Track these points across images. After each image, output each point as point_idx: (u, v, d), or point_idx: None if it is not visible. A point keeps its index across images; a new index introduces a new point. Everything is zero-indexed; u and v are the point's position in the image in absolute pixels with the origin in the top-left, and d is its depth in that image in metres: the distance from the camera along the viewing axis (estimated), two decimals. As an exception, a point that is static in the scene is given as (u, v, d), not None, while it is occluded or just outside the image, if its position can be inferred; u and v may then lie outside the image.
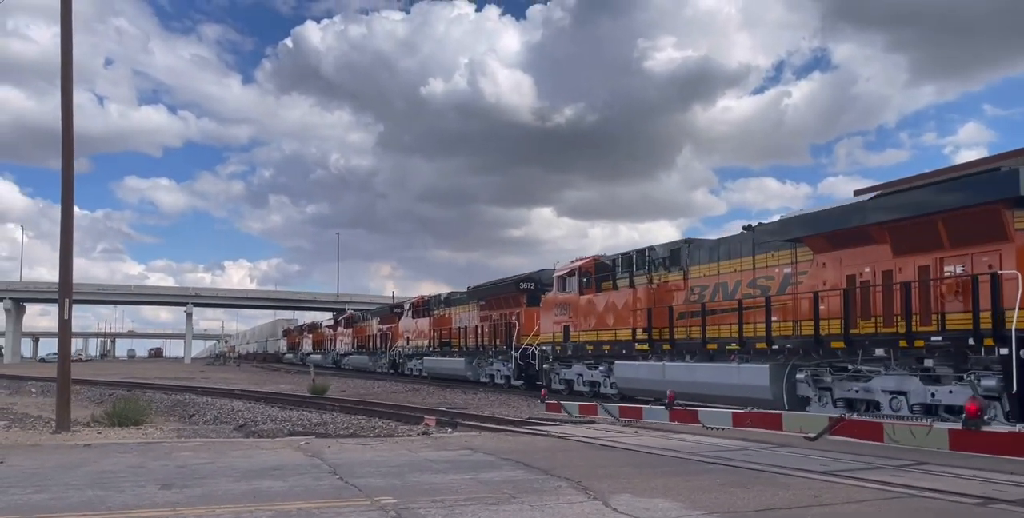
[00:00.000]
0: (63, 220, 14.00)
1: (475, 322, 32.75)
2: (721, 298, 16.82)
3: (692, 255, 18.29)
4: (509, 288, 30.07)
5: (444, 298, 38.06)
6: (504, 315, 29.87)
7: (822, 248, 14.23)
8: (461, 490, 7.12)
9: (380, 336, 47.99)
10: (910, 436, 10.16)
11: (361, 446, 10.89)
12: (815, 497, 6.78)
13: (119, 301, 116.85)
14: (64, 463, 9.06)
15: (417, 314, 40.77)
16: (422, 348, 39.23)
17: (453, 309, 36.22)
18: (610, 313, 20.74)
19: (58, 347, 14.37)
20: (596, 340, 21.32)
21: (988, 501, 6.60)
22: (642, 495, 6.84)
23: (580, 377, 22.64)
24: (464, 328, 33.76)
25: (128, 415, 14.95)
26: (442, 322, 37.01)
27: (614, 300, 20.66)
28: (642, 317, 19.17)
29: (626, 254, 20.84)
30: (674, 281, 18.65)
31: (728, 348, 16.11)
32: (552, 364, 24.11)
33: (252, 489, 7.18)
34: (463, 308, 34.81)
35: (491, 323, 30.88)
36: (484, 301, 32.12)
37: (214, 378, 44.89)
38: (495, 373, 30.54)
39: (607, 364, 20.86)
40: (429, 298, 40.17)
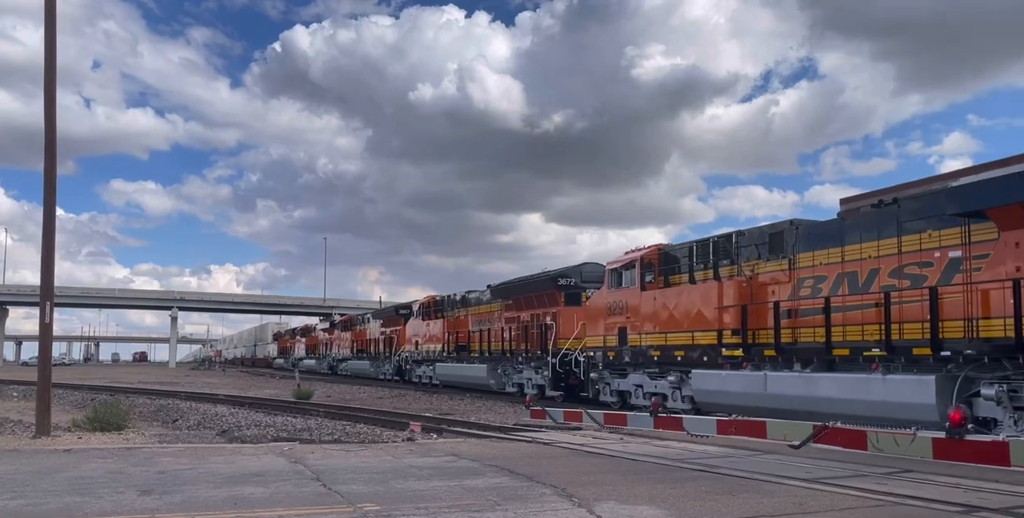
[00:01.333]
0: (45, 223, 13.87)
1: (499, 324, 29.12)
2: (847, 291, 13.66)
3: (801, 239, 14.95)
4: (543, 285, 26.27)
5: (460, 298, 34.33)
6: (536, 316, 26.18)
7: (1016, 222, 10.97)
8: (445, 497, 7.07)
9: (383, 340, 44.40)
10: (894, 444, 10.17)
11: (345, 452, 10.81)
12: (799, 505, 6.77)
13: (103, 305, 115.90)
14: (42, 468, 8.95)
15: (427, 316, 37.10)
16: (434, 353, 35.52)
17: (471, 310, 32.81)
18: (685, 312, 17.40)
19: (39, 351, 14.21)
20: (664, 344, 18.02)
21: (971, 509, 6.61)
22: (627, 502, 6.81)
23: (639, 388, 19.22)
24: (486, 331, 30.06)
25: (109, 420, 14.79)
26: (458, 324, 33.58)
27: (691, 296, 17.33)
28: (733, 316, 15.97)
29: (703, 241, 17.80)
30: (774, 272, 15.51)
31: (867, 354, 12.94)
32: (601, 373, 20.94)
33: (233, 495, 7.11)
34: (484, 309, 31.42)
35: (519, 325, 27.27)
36: (511, 300, 28.52)
37: (198, 383, 44.55)
38: (525, 382, 26.66)
39: (679, 373, 17.63)
40: (442, 298, 36.45)
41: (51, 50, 14.01)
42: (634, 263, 19.55)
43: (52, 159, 13.89)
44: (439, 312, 35.87)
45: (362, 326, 50.77)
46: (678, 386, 17.77)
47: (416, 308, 38.91)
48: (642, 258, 19.31)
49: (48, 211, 13.89)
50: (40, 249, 13.90)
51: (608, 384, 20.69)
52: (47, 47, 14.02)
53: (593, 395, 21.43)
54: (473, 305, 32.76)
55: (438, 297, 37.02)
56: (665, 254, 18.95)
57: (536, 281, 27.12)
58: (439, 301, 36.44)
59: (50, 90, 14.01)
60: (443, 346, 34.31)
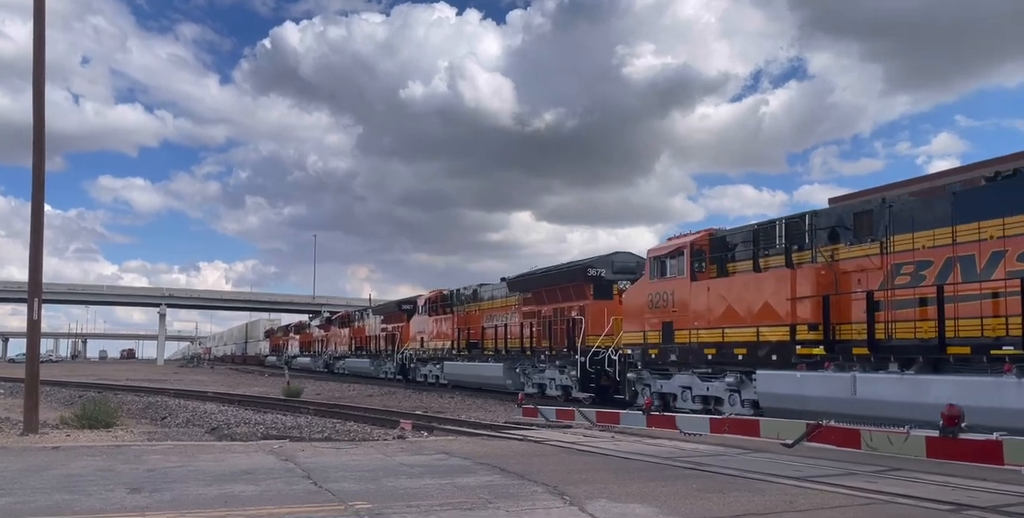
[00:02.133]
0: (33, 219, 13.77)
1: (516, 320, 26.98)
2: (959, 278, 11.83)
3: (897, 218, 13.00)
4: (571, 276, 23.90)
5: (472, 292, 32.27)
6: (561, 310, 23.96)
7: None
8: (436, 495, 7.05)
9: (385, 337, 42.12)
10: (887, 443, 10.19)
11: (336, 450, 10.77)
12: (790, 503, 6.79)
13: (91, 301, 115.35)
14: (30, 466, 8.88)
15: (434, 311, 34.86)
16: (442, 351, 33.34)
17: (484, 304, 30.80)
18: (747, 304, 15.31)
19: (27, 347, 14.12)
20: (721, 341, 16.01)
21: (960, 507, 6.64)
22: (618, 500, 6.82)
23: (687, 391, 17.21)
24: (502, 327, 27.76)
25: (98, 417, 14.71)
26: (469, 320, 31.43)
27: (755, 286, 15.18)
28: (810, 309, 14.02)
29: (767, 224, 15.82)
30: (861, 257, 13.56)
31: (995, 352, 11.18)
32: (640, 373, 18.83)
33: (223, 493, 7.07)
34: (499, 303, 29.38)
35: (540, 320, 25.10)
36: (531, 294, 26.30)
37: (187, 380, 44.38)
38: (547, 383, 24.64)
39: (740, 374, 15.63)
40: (450, 292, 34.25)
41: (40, 45, 13.90)
42: (682, 250, 17.38)
43: (40, 155, 13.79)
44: (447, 307, 33.87)
45: (361, 322, 48.77)
46: (737, 389, 15.70)
47: (421, 303, 36.80)
48: (692, 244, 17.16)
49: (36, 207, 13.78)
50: (28, 245, 13.80)
51: (648, 386, 18.58)
52: (36, 42, 13.91)
53: (630, 397, 19.14)
54: (486, 299, 30.81)
55: (445, 291, 34.87)
56: (718, 239, 16.84)
57: (562, 272, 24.76)
58: (447, 296, 34.33)
59: (38, 85, 13.90)
60: (452, 343, 32.24)
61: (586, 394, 22.22)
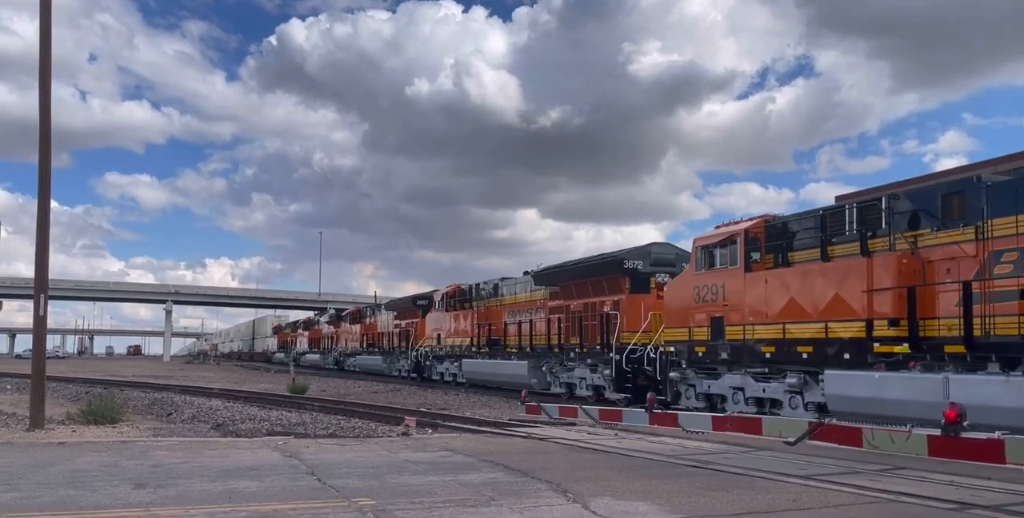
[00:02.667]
0: (39, 215, 13.81)
1: (543, 315, 25.44)
2: None
3: (996, 199, 11.51)
4: (605, 269, 22.17)
5: (493, 286, 30.63)
6: (593, 305, 22.31)
7: None
8: (440, 492, 7.07)
9: (398, 334, 40.48)
10: (889, 441, 10.19)
11: (340, 446, 10.81)
12: (793, 501, 6.79)
13: (98, 298, 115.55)
14: (36, 461, 8.93)
15: (452, 306, 33.50)
16: (460, 348, 32.06)
17: (506, 299, 29.31)
18: (813, 297, 13.83)
19: (33, 344, 14.17)
20: (781, 338, 14.46)
21: (964, 506, 6.63)
22: (622, 498, 6.82)
23: (738, 392, 15.67)
24: (527, 323, 26.29)
25: (104, 413, 14.76)
26: (490, 316, 29.93)
27: (824, 277, 13.71)
28: (891, 302, 12.55)
29: (834, 209, 14.48)
30: (951, 243, 12.05)
31: None
32: (684, 372, 17.32)
33: (228, 489, 7.10)
34: (523, 298, 27.88)
35: (570, 316, 23.45)
36: (559, 287, 24.64)
37: (193, 376, 44.53)
38: (577, 382, 23.15)
39: (802, 374, 14.15)
40: (469, 287, 32.75)
41: (46, 42, 13.94)
42: (734, 238, 15.86)
43: (47, 151, 13.83)
44: (466, 302, 32.45)
45: (372, 318, 47.28)
46: (799, 390, 14.24)
47: (438, 298, 35.33)
48: (746, 232, 15.68)
49: (43, 204, 13.83)
50: (34, 241, 13.85)
51: (693, 386, 17.06)
52: (42, 39, 13.95)
53: (672, 398, 17.58)
54: (509, 294, 29.20)
55: (464, 286, 33.44)
56: (777, 226, 15.43)
57: (594, 265, 22.93)
58: (465, 290, 32.92)
59: (45, 82, 13.95)
60: (472, 340, 30.86)
61: (621, 395, 20.47)
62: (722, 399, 16.30)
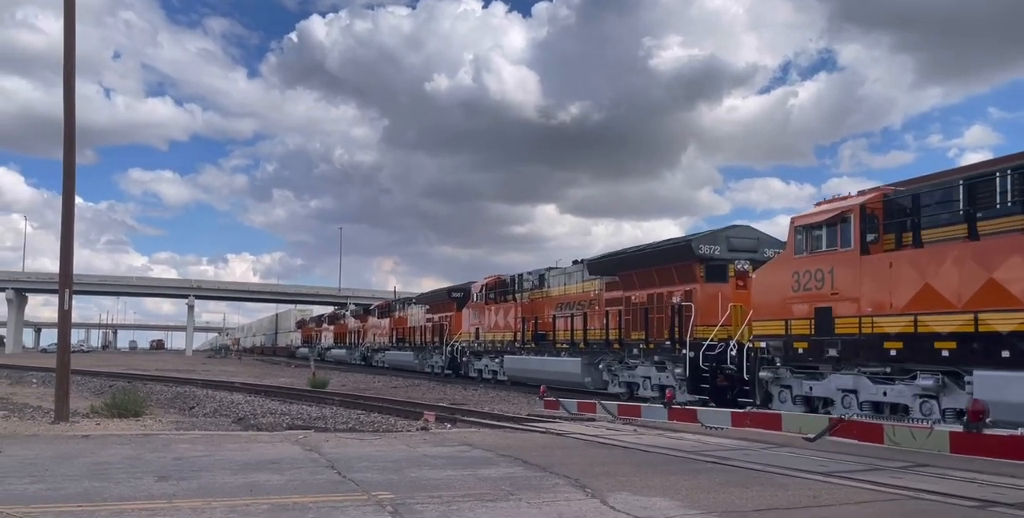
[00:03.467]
0: (64, 211, 13.97)
1: (598, 308, 23.36)
2: None
3: None
4: (674, 255, 19.88)
5: (539, 276, 28.40)
6: (660, 296, 20.17)
7: None
8: (459, 486, 7.10)
9: (431, 328, 38.59)
10: (910, 438, 10.10)
11: (359, 441, 10.87)
12: (814, 498, 6.75)
13: (121, 292, 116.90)
14: (61, 454, 9.05)
15: (492, 299, 31.57)
16: (501, 344, 30.12)
17: (554, 291, 27.11)
18: (956, 283, 11.58)
19: (58, 338, 14.36)
20: (912, 331, 12.23)
21: (987, 504, 6.57)
22: (640, 493, 6.82)
23: (849, 396, 13.46)
24: (580, 316, 24.04)
25: (127, 406, 14.93)
26: (535, 308, 27.78)
27: (971, 259, 11.45)
28: None
29: (981, 176, 11.88)
30: None
31: None
32: (777, 371, 15.00)
33: (249, 482, 7.17)
34: (573, 289, 25.74)
35: (631, 308, 21.48)
36: (619, 277, 22.38)
37: (215, 371, 44.90)
38: (640, 382, 21.01)
39: (939, 376, 11.96)
40: (511, 278, 30.76)
41: (70, 39, 14.08)
42: (846, 216, 13.60)
43: (71, 148, 13.99)
44: (506, 294, 30.44)
45: (402, 312, 45.10)
46: (935, 394, 12.11)
47: (476, 290, 33.27)
48: (862, 208, 13.41)
49: (67, 199, 13.99)
50: (59, 237, 14.01)
51: (789, 387, 14.79)
52: (66, 36, 14.09)
53: (762, 400, 15.38)
54: (557, 285, 26.94)
55: (504, 277, 31.45)
56: (899, 200, 13.16)
57: (661, 251, 20.65)
58: (507, 282, 30.83)
59: (69, 80, 14.10)
60: (515, 335, 28.66)
61: (695, 396, 17.99)
62: (825, 403, 14.08)
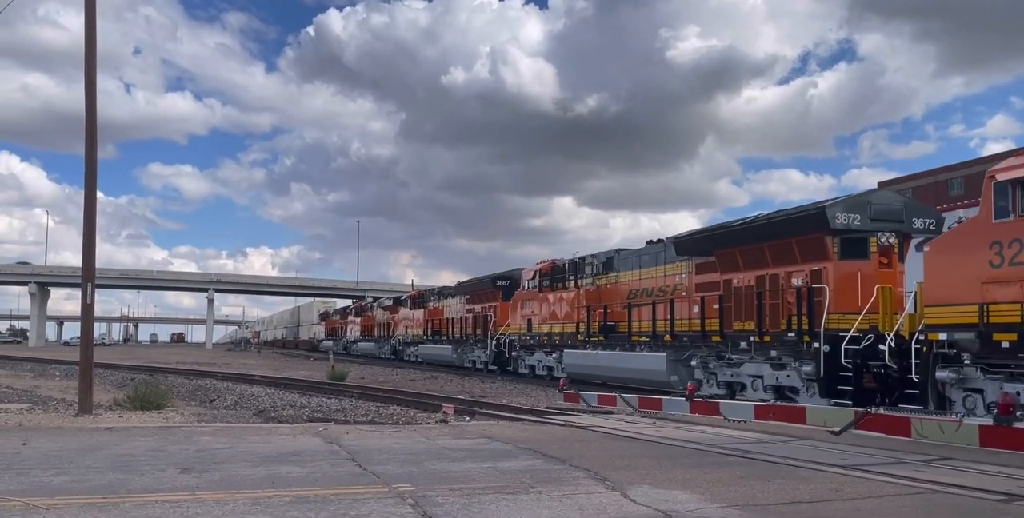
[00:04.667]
0: (86, 205, 14.08)
1: (687, 294, 20.02)
2: None
3: None
4: (795, 227, 16.24)
5: (606, 260, 24.89)
6: (775, 278, 16.86)
7: None
8: (479, 479, 7.10)
9: (472, 320, 35.90)
10: (939, 431, 9.98)
11: (379, 433, 10.91)
12: (836, 491, 6.69)
13: (142, 286, 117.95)
14: (85, 446, 9.14)
15: (547, 286, 28.56)
16: (560, 336, 26.97)
17: (624, 275, 23.62)
18: None
19: (81, 331, 14.50)
20: None
21: (1012, 498, 6.49)
22: (661, 486, 6.79)
23: None
24: (664, 304, 20.54)
25: (149, 399, 15.06)
26: (602, 296, 24.44)
27: None
28: None
29: None
30: None
31: None
32: (962, 371, 11.91)
33: (271, 474, 7.21)
34: (652, 273, 22.07)
35: (733, 293, 18.10)
36: (716, 256, 18.79)
37: (235, 364, 45.25)
38: (748, 382, 17.49)
39: None
40: (571, 262, 27.35)
41: (91, 35, 14.16)
42: None
43: (92, 143, 14.08)
44: (564, 281, 27.42)
45: (438, 302, 42.56)
46: None
47: (528, 277, 30.42)
48: None
49: (89, 194, 14.09)
50: (81, 231, 14.13)
51: (980, 391, 11.77)
52: (87, 32, 14.17)
53: (936, 405, 12.30)
54: (629, 268, 23.53)
55: (560, 262, 28.36)
56: None
57: (779, 222, 16.83)
58: (563, 267, 27.75)
59: (90, 75, 14.18)
60: (576, 327, 25.59)
61: (830, 400, 14.57)
62: None
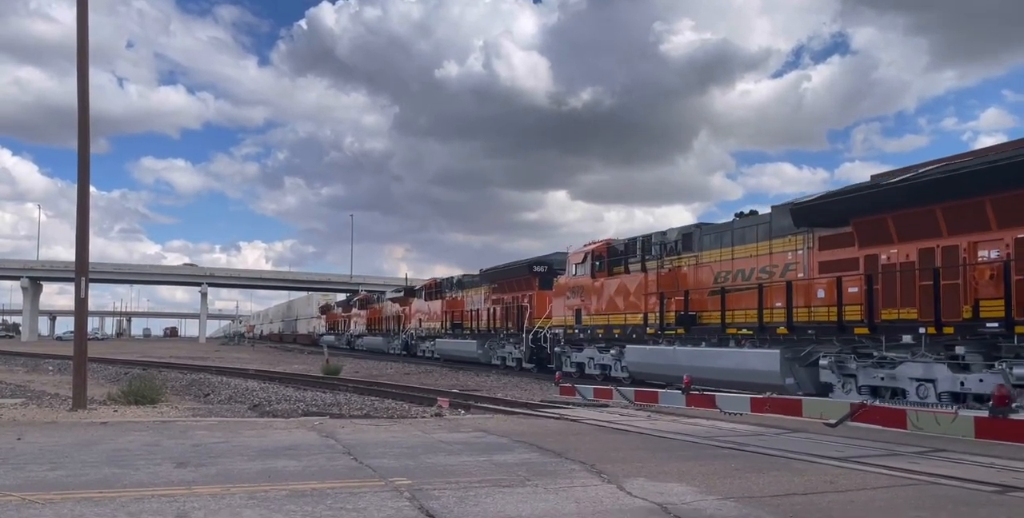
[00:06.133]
0: (79, 199, 14.03)
1: (806, 273, 15.55)
2: None
3: None
4: (988, 181, 11.90)
5: (683, 237, 19.60)
6: (950, 252, 12.69)
7: None
8: (475, 472, 7.11)
9: (501, 311, 32.09)
10: (934, 423, 10.03)
11: (375, 427, 10.91)
12: (831, 483, 6.73)
13: (135, 280, 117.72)
14: (80, 440, 9.12)
15: (600, 271, 23.33)
16: (621, 329, 21.90)
17: (709, 254, 18.57)
18: None
19: (75, 325, 14.46)
20: None
21: (1006, 489, 6.52)
22: (656, 479, 6.81)
23: None
24: (778, 287, 15.80)
25: (144, 393, 15.05)
26: (678, 280, 19.56)
27: None
28: None
29: None
30: None
31: None
32: None
33: (267, 468, 7.20)
34: (749, 249, 17.23)
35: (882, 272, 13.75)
36: (855, 225, 14.42)
37: (228, 358, 45.19)
38: (913, 386, 13.06)
39: None
40: (630, 243, 22.24)
41: (83, 28, 14.08)
42: None
43: (85, 137, 14.02)
44: (623, 264, 22.39)
45: (458, 292, 38.44)
46: None
47: (573, 262, 25.13)
48: None
49: (82, 188, 14.04)
50: (74, 226, 14.08)
51: None
52: (79, 25, 14.09)
53: None
54: (716, 245, 18.40)
55: (616, 242, 23.32)
56: None
57: (965, 174, 12.28)
58: (624, 248, 22.59)
59: (83, 68, 14.10)
60: (645, 317, 20.63)
61: None
62: None
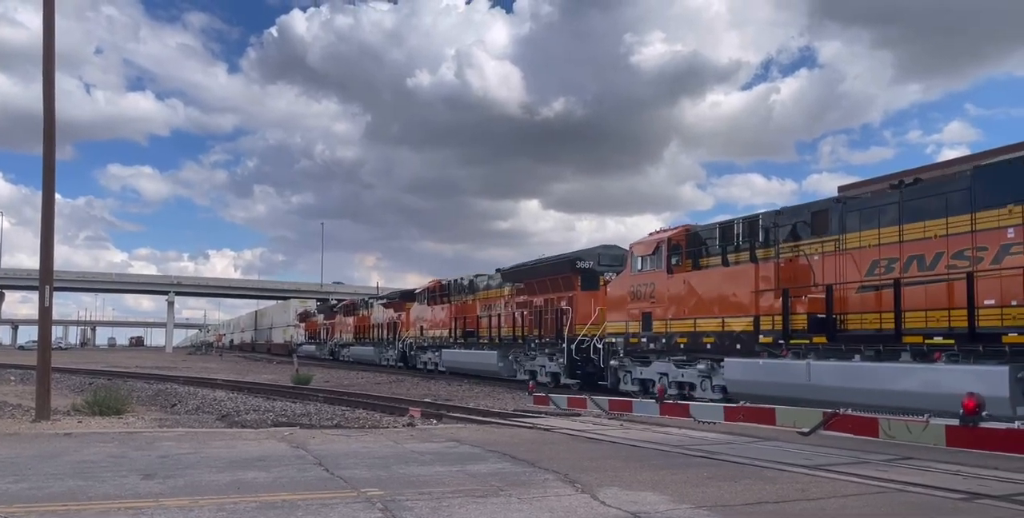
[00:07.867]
0: (44, 207, 13.79)
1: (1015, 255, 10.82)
2: None
3: None
4: None
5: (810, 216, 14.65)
6: None
7: None
8: (448, 482, 7.07)
9: (527, 316, 26.52)
10: (906, 431, 10.15)
11: (346, 437, 10.81)
12: (802, 491, 6.78)
13: (101, 289, 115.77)
14: (44, 452, 8.94)
15: (677, 265, 18.05)
16: (716, 337, 16.39)
17: (854, 237, 13.52)
18: None
19: (38, 334, 14.18)
20: None
21: (972, 496, 6.62)
22: (630, 488, 6.82)
23: None
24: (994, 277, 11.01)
25: (109, 404, 14.80)
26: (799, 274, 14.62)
27: None
28: None
29: None
30: None
31: None
32: None
33: (236, 480, 7.10)
34: (928, 228, 12.21)
35: None
36: None
37: (196, 367, 44.59)
38: None
39: None
40: (724, 227, 17.10)
41: (49, 33, 13.88)
42: None
43: (51, 143, 13.79)
44: (709, 254, 17.35)
45: (469, 297, 32.74)
46: None
47: (636, 253, 19.59)
48: None
49: (47, 195, 13.81)
50: (38, 233, 13.84)
51: None
52: (45, 30, 13.89)
53: None
54: (862, 226, 13.49)
55: (697, 228, 18.26)
56: None
57: None
58: (702, 237, 17.79)
59: (48, 74, 13.89)
60: (755, 321, 15.35)
61: None
62: None
